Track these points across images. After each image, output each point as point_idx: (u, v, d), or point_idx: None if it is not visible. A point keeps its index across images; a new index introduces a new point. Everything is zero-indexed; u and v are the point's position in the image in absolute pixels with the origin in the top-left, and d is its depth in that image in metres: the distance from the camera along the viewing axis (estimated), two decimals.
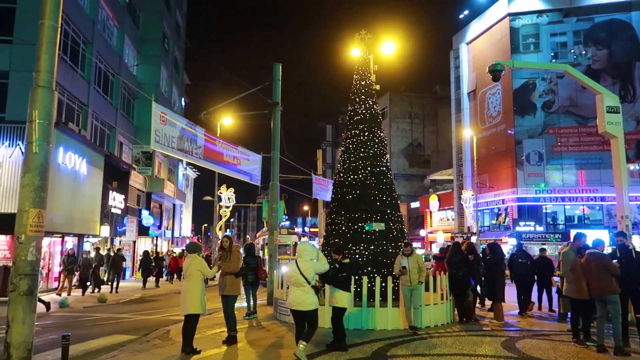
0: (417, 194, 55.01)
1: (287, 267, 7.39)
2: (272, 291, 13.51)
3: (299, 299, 6.95)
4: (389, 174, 12.41)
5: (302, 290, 6.96)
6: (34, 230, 6.06)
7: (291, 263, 7.26)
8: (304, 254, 7.15)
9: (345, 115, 13.54)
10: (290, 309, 7.17)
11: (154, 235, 34.00)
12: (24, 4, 18.75)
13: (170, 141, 10.87)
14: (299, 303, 6.95)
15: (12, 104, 18.27)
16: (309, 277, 6.96)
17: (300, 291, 6.97)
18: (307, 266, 7.02)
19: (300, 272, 6.95)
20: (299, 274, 6.94)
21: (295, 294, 7.01)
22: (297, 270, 6.99)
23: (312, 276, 7.03)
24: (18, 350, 5.76)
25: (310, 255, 7.17)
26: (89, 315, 13.24)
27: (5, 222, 16.19)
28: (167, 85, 36.74)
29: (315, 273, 7.15)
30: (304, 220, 78.27)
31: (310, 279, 6.97)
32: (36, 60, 6.35)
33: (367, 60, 13.38)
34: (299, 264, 7.04)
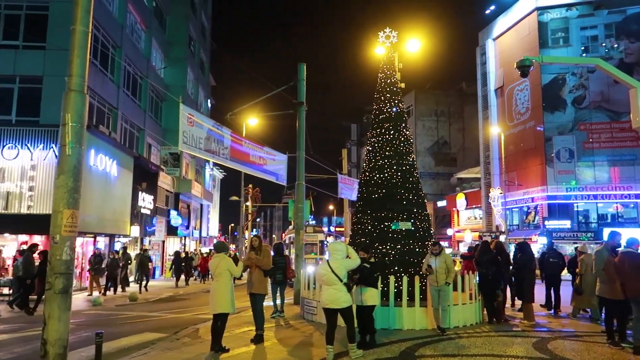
0: (443, 192, 54.38)
1: (318, 267, 7.50)
2: (299, 290, 13.57)
3: (332, 297, 7.04)
4: (415, 172, 12.31)
5: (335, 289, 7.04)
6: (68, 230, 6.22)
7: (323, 262, 7.37)
8: (335, 253, 7.24)
9: (370, 114, 13.48)
10: (323, 308, 7.26)
11: (182, 235, 34.54)
12: (56, 11, 19.29)
13: (197, 142, 11.03)
14: (333, 301, 7.03)
15: (46, 108, 18.83)
16: (340, 275, 7.04)
17: (333, 289, 7.05)
18: (339, 264, 7.10)
19: (332, 270, 7.03)
20: (331, 273, 7.02)
21: (328, 292, 7.10)
22: (329, 269, 7.07)
23: (344, 274, 7.12)
24: (54, 347, 5.93)
25: (341, 254, 7.25)
26: (121, 313, 13.55)
27: (41, 222, 16.72)
28: (194, 87, 37.27)
29: (347, 270, 7.24)
30: (330, 220, 78.31)
31: (342, 276, 7.05)
32: (68, 64, 6.52)
33: (391, 58, 13.29)
34: (331, 263, 7.13)
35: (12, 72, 19.34)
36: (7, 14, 19.82)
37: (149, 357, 7.45)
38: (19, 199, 18.32)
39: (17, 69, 19.33)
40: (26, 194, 18.34)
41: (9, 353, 8.04)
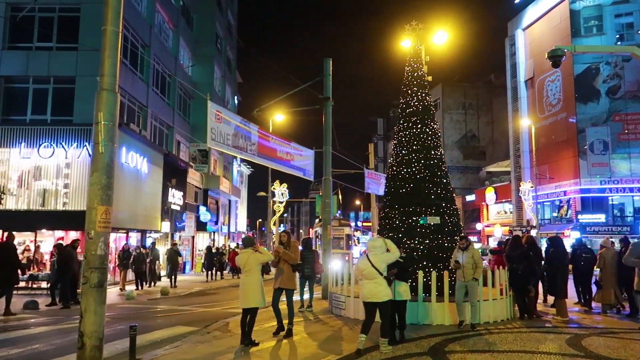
0: (472, 186, 53.58)
1: (357, 261, 7.67)
2: (327, 285, 13.61)
3: (372, 291, 7.15)
4: (443, 166, 12.16)
5: (375, 283, 7.16)
6: (102, 226, 6.40)
7: (362, 257, 7.51)
8: (374, 249, 7.36)
9: (397, 108, 13.37)
10: (363, 301, 7.36)
11: (211, 230, 35.05)
12: (87, 12, 19.77)
13: (225, 139, 11.16)
14: (373, 295, 7.14)
15: (79, 107, 19.36)
16: (380, 269, 7.17)
17: (373, 283, 7.16)
18: (378, 259, 7.23)
19: (372, 264, 7.16)
20: (371, 267, 7.15)
21: (368, 286, 7.21)
22: (368, 263, 7.20)
23: (384, 268, 7.24)
24: (91, 339, 6.12)
25: (381, 249, 7.37)
26: (153, 307, 13.87)
27: (75, 219, 17.27)
28: (221, 85, 37.67)
29: (387, 264, 7.35)
30: (357, 215, 78.17)
31: (382, 270, 7.18)
32: (100, 64, 6.67)
33: (418, 51, 13.14)
34: (370, 257, 7.25)
35: (47, 73, 19.96)
36: (41, 17, 20.42)
37: (181, 350, 7.61)
38: (54, 196, 18.92)
39: (51, 70, 19.94)
40: (61, 191, 18.91)
41: (48, 345, 8.33)
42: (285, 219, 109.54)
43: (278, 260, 8.57)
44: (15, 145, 18.90)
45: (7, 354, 7.59)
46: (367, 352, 7.19)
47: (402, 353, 7.15)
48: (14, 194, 18.73)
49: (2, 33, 19.96)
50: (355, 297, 10.52)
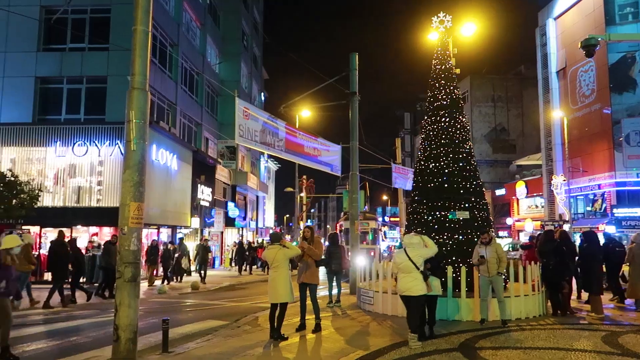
0: (502, 180, 52.60)
1: (394, 255, 7.74)
2: (354, 280, 13.62)
3: (408, 285, 7.27)
4: (472, 160, 11.98)
5: (412, 277, 7.27)
6: (135, 222, 6.55)
7: (400, 251, 7.61)
8: (411, 246, 7.47)
9: (424, 102, 13.24)
10: (400, 295, 7.47)
11: (239, 226, 35.45)
12: (118, 13, 20.21)
13: (253, 135, 11.26)
14: (409, 289, 7.27)
15: (111, 106, 19.85)
16: (417, 263, 7.29)
17: (410, 277, 7.28)
18: (416, 253, 7.36)
19: (409, 258, 7.29)
20: (409, 261, 7.29)
21: (405, 280, 7.32)
22: (406, 257, 7.32)
23: (421, 262, 7.35)
24: (125, 332, 6.29)
25: (418, 245, 7.49)
26: (184, 301, 14.14)
27: (109, 215, 17.74)
28: (248, 81, 37.96)
29: (424, 259, 7.45)
30: (384, 210, 77.71)
31: (419, 265, 7.30)
32: (131, 64, 6.81)
33: (446, 43, 12.94)
34: (408, 252, 7.37)
35: (80, 73, 20.51)
36: (73, 18, 20.96)
37: (212, 343, 7.74)
38: (89, 193, 19.45)
39: (84, 70, 20.48)
40: (95, 188, 19.43)
41: (85, 337, 8.60)
42: (312, 214, 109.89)
43: (302, 256, 8.61)
44: (51, 144, 19.50)
45: (46, 346, 7.87)
46: (395, 347, 7.17)
47: (431, 349, 7.10)
48: (51, 192, 19.34)
49: (37, 35, 20.58)
50: (383, 292, 10.50)
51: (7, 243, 7.22)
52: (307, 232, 8.91)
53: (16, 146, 19.62)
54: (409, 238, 7.66)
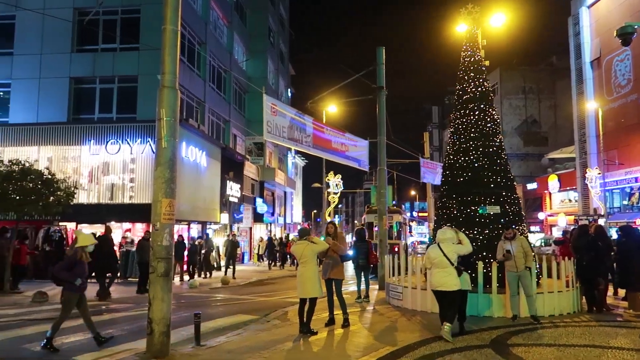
0: (533, 174, 51.44)
1: (428, 250, 7.72)
2: (383, 275, 13.58)
3: (442, 280, 7.30)
4: (502, 154, 11.77)
5: (446, 272, 7.30)
6: (167, 218, 6.68)
7: (434, 246, 7.62)
8: (445, 241, 7.48)
9: (453, 95, 13.05)
10: (433, 290, 7.49)
11: (267, 221, 35.75)
12: (147, 12, 20.59)
13: (281, 131, 11.33)
14: (443, 284, 7.30)
15: (142, 105, 20.28)
16: (452, 259, 7.31)
17: (444, 272, 7.31)
18: (451, 249, 7.39)
19: (444, 254, 7.31)
20: (443, 256, 7.32)
21: (439, 275, 7.35)
22: (440, 252, 7.36)
23: (455, 258, 7.37)
24: (159, 325, 6.44)
25: (452, 240, 7.51)
26: (214, 296, 14.37)
27: (141, 211, 18.14)
28: (274, 78, 38.15)
29: (458, 255, 7.46)
30: (412, 205, 77.12)
31: (453, 260, 7.32)
32: (161, 63, 6.94)
33: (474, 35, 12.71)
34: (443, 247, 7.39)
35: (112, 73, 21.01)
36: (105, 19, 21.46)
37: (243, 337, 7.85)
38: (121, 190, 19.93)
39: (115, 70, 20.97)
40: (128, 185, 19.90)
41: (120, 330, 8.84)
42: (339, 209, 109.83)
43: (327, 252, 8.63)
44: (85, 143, 20.04)
45: (83, 338, 8.13)
46: (425, 343, 7.13)
47: (462, 345, 7.03)
48: (85, 189, 19.89)
49: (71, 37, 21.15)
50: (412, 288, 10.43)
51: (82, 241, 7.66)
52: (331, 228, 8.96)
53: (52, 145, 20.25)
54: (443, 233, 7.62)
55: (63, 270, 7.33)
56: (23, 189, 14.06)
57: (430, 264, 7.52)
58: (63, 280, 7.34)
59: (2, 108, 21.73)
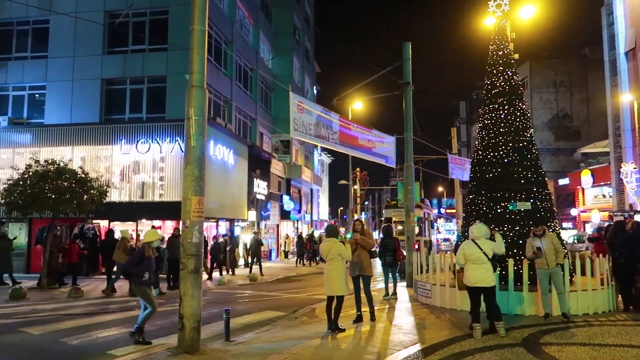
0: (565, 169, 50.18)
1: (463, 246, 7.68)
2: (411, 272, 13.48)
3: (481, 276, 7.33)
4: (533, 149, 11.53)
5: (484, 268, 7.34)
6: (196, 215, 6.79)
7: (469, 243, 7.59)
8: (481, 237, 7.50)
9: (481, 89, 12.84)
10: (470, 286, 7.45)
11: (294, 219, 35.91)
12: (175, 13, 20.92)
13: (307, 129, 11.35)
14: (482, 280, 7.32)
15: (170, 104, 20.63)
16: (490, 255, 7.37)
17: (482, 268, 7.34)
18: (488, 245, 7.45)
19: (481, 250, 7.35)
20: (481, 252, 7.35)
21: (477, 271, 7.36)
22: (477, 248, 7.39)
23: (491, 254, 7.42)
24: (190, 321, 6.55)
25: (486, 235, 7.58)
26: (243, 292, 14.54)
27: (171, 209, 18.48)
28: (300, 76, 38.23)
29: (494, 252, 7.50)
30: (440, 202, 76.31)
31: (490, 256, 7.37)
32: (189, 63, 7.04)
33: (503, 28, 12.45)
34: (480, 244, 7.42)
35: (141, 73, 21.43)
36: (134, 21, 21.89)
37: (271, 333, 7.92)
38: (152, 188, 20.33)
39: (145, 71, 21.38)
40: (157, 183, 20.28)
41: (152, 325, 9.00)
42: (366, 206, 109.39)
43: (355, 249, 8.61)
44: (117, 142, 20.50)
45: (118, 332, 8.35)
46: (456, 341, 7.05)
47: (493, 343, 6.92)
48: (117, 187, 20.36)
49: (102, 39, 21.66)
50: (441, 285, 10.33)
51: (148, 237, 7.95)
52: (358, 225, 8.98)
53: (85, 145, 20.79)
54: (478, 229, 7.57)
55: (131, 265, 7.66)
56: (58, 188, 14.48)
57: (466, 260, 7.46)
58: (132, 274, 7.64)
59: (37, 110, 22.44)
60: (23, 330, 8.54)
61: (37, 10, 21.50)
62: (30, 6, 21.27)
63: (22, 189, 14.32)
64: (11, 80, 22.51)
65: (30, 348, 7.44)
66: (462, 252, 7.56)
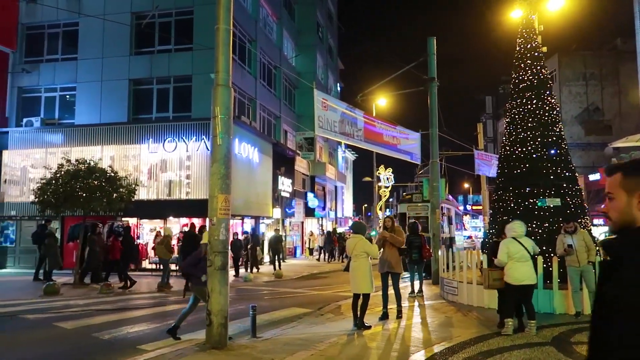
0: (595, 164, 48.85)
1: (507, 243, 7.56)
2: (437, 270, 13.37)
3: (527, 274, 7.31)
4: (562, 144, 11.28)
5: (528, 265, 7.33)
6: (223, 213, 6.86)
7: (511, 241, 7.46)
8: (522, 235, 7.49)
9: (508, 84, 12.62)
10: (517, 285, 7.30)
11: (319, 216, 35.97)
12: (200, 13, 21.16)
13: (332, 126, 11.35)
14: (528, 277, 7.31)
15: (196, 103, 20.90)
16: (532, 252, 7.38)
17: (527, 266, 7.33)
18: (529, 243, 7.46)
19: (525, 247, 7.33)
20: (524, 250, 7.31)
21: (524, 268, 7.31)
22: (521, 247, 7.34)
23: (532, 251, 7.43)
24: (217, 317, 6.64)
25: (524, 232, 7.56)
26: (268, 289, 14.64)
27: (197, 206, 18.73)
28: (323, 73, 38.22)
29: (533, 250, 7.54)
30: (465, 198, 75.34)
31: (532, 253, 7.39)
32: (214, 62, 7.11)
33: (531, 20, 12.20)
34: (523, 242, 7.39)
35: (167, 73, 21.77)
36: (160, 22, 22.23)
37: (297, 330, 7.96)
38: (178, 186, 20.64)
39: (171, 71, 21.71)
40: (184, 181, 20.58)
41: None
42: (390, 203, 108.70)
43: (383, 245, 8.57)
44: (144, 142, 20.88)
45: (147, 328, 8.52)
46: (483, 339, 6.96)
47: (522, 342, 6.81)
48: (145, 186, 20.73)
49: (129, 40, 22.08)
50: (468, 283, 10.22)
51: (206, 237, 7.90)
52: (388, 222, 8.92)
53: (114, 144, 21.23)
54: (520, 227, 7.49)
55: (190, 266, 7.65)
56: (89, 187, 14.83)
57: (509, 258, 7.29)
58: (191, 275, 7.66)
59: (68, 110, 23.03)
60: (57, 324, 8.80)
61: (66, 14, 22.04)
62: (61, 9, 21.81)
63: (55, 187, 14.71)
64: (43, 82, 23.17)
65: (64, 342, 7.66)
66: (506, 251, 7.36)
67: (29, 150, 21.87)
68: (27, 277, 16.77)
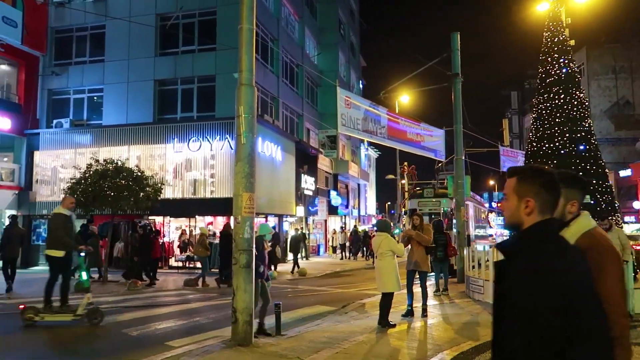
0: (626, 160, 47.52)
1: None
2: (462, 268, 13.22)
3: None
4: (591, 139, 11.03)
5: None
6: (247, 211, 6.92)
7: None
8: None
9: (534, 78, 12.38)
10: None
11: (342, 214, 35.93)
12: (223, 13, 21.35)
13: (355, 123, 11.32)
14: None
15: (220, 103, 21.11)
16: None
17: None
18: None
19: None
20: None
21: None
22: None
23: None
24: (242, 315, 6.70)
25: None
26: (292, 287, 14.70)
27: (222, 205, 18.92)
28: (346, 70, 38.12)
29: None
30: (490, 195, 74.17)
31: None
32: (238, 61, 7.15)
33: (558, 13, 11.95)
34: None
35: (191, 74, 22.04)
36: (184, 23, 22.51)
37: (322, 328, 7.98)
38: (203, 185, 20.89)
39: (195, 71, 21.97)
40: (209, 180, 20.81)
41: (206, 318, 9.31)
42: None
43: (408, 242, 8.52)
44: (169, 141, 21.19)
45: (174, 325, 8.66)
46: None
47: None
48: (171, 185, 21.05)
49: (154, 41, 22.43)
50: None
51: (261, 230, 7.95)
52: (417, 220, 8.85)
53: (141, 144, 21.61)
54: None
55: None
56: (117, 186, 15.12)
57: None
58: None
59: (96, 111, 23.54)
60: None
61: (93, 17, 22.50)
62: (88, 12, 22.29)
63: (84, 187, 15.05)
64: (72, 84, 23.72)
65: (94, 339, 7.84)
66: None
67: (59, 150, 22.43)
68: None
